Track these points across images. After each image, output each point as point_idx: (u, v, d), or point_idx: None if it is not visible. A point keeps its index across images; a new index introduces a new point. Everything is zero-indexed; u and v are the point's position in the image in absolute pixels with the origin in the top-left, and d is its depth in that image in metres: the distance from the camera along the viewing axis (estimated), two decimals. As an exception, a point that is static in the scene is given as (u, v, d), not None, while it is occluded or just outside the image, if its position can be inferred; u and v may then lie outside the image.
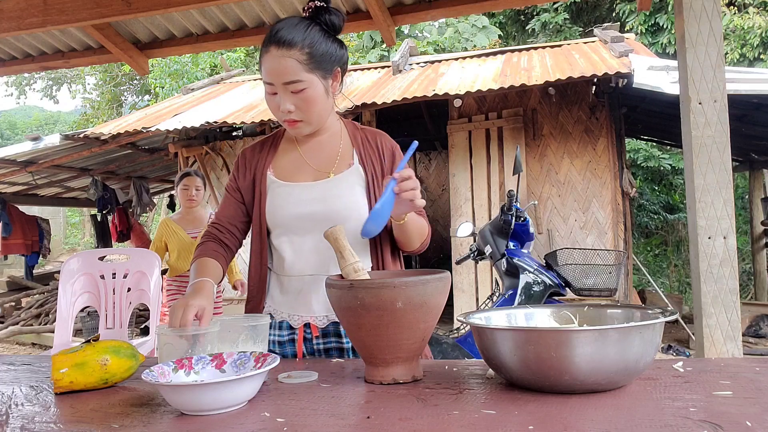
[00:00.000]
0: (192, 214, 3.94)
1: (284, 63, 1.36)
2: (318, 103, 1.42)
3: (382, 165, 1.51)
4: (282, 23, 1.39)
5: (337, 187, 1.46)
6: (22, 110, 34.89)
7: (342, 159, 1.51)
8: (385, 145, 1.53)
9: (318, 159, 1.51)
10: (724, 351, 2.08)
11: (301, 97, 1.39)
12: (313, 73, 1.38)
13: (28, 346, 7.25)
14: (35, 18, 2.74)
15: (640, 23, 11.28)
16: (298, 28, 1.37)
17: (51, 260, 13.23)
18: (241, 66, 13.39)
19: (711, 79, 2.12)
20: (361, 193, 1.47)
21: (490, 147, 6.02)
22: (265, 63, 1.38)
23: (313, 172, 1.50)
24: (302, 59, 1.36)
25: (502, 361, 1.04)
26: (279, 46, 1.36)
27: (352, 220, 1.44)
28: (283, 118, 1.42)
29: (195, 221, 3.94)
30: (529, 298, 3.40)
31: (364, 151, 1.51)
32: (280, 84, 1.38)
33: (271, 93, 1.41)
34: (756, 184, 8.34)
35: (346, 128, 1.57)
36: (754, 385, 1.02)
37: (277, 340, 1.53)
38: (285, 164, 1.53)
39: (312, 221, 1.44)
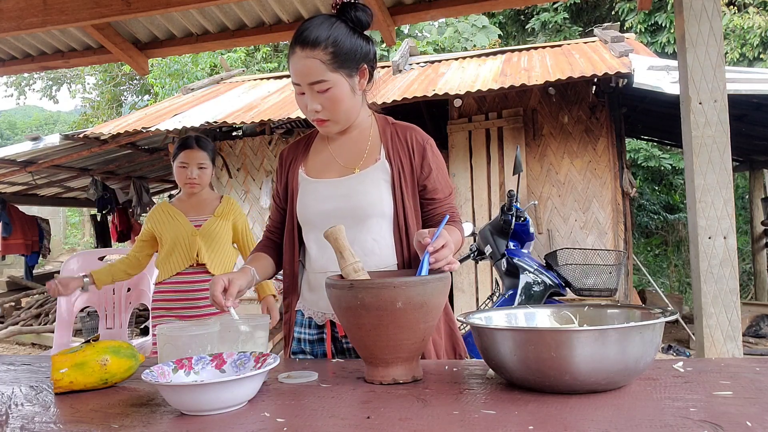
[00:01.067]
0: (196, 198, 2.85)
1: (308, 64, 1.36)
2: (344, 101, 1.42)
3: (411, 160, 1.49)
4: (308, 23, 1.40)
5: (362, 182, 1.46)
6: (22, 110, 34.89)
7: (369, 154, 1.50)
8: (415, 140, 1.51)
9: (346, 155, 1.52)
10: (724, 351, 2.08)
11: (326, 96, 1.39)
12: (338, 72, 1.38)
13: (28, 346, 7.25)
14: (35, 18, 2.74)
15: (640, 22, 11.28)
16: (322, 27, 1.37)
17: (51, 260, 13.23)
18: (241, 66, 13.38)
19: (711, 79, 2.12)
20: (386, 189, 1.47)
21: (490, 147, 6.01)
22: (292, 64, 1.39)
23: (339, 169, 1.50)
24: (326, 59, 1.36)
25: (502, 361, 1.04)
26: (303, 47, 1.36)
27: (376, 216, 1.44)
28: (312, 118, 1.44)
29: (200, 206, 2.83)
30: (529, 298, 3.40)
31: (392, 146, 1.50)
32: (306, 84, 1.38)
33: (299, 93, 1.42)
34: (756, 184, 8.34)
35: (377, 123, 1.55)
36: (754, 385, 1.02)
37: (307, 338, 1.53)
38: (316, 162, 1.55)
39: (336, 217, 1.44)
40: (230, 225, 2.79)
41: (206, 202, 2.85)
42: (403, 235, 1.47)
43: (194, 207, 2.84)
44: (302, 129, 6.89)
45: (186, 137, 2.77)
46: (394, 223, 1.47)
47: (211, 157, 2.80)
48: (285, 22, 3.11)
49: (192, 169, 2.72)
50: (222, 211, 2.80)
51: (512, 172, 5.50)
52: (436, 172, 1.50)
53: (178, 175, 2.76)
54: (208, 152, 2.78)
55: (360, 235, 1.44)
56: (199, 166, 2.74)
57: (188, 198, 2.85)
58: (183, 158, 2.72)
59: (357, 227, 1.44)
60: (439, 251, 1.22)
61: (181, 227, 2.75)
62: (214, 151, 2.82)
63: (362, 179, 1.47)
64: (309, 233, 1.52)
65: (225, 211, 2.80)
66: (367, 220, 1.45)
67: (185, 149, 2.72)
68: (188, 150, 2.72)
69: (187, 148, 2.73)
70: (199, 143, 2.75)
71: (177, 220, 2.77)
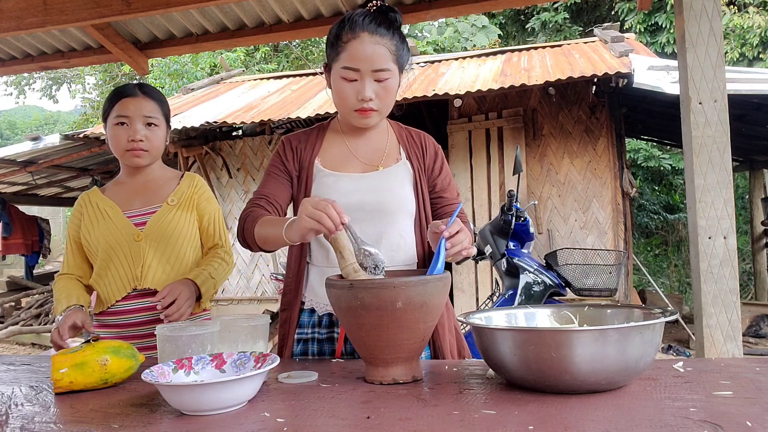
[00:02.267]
0: (141, 176, 1.86)
1: (378, 50, 1.37)
2: (394, 93, 1.44)
3: (425, 162, 1.53)
4: (363, 13, 1.40)
5: (387, 179, 1.48)
6: (22, 110, 34.89)
7: (389, 154, 1.52)
8: (428, 145, 1.56)
9: (366, 152, 1.52)
10: (725, 351, 2.08)
11: (383, 86, 1.40)
12: (397, 65, 1.41)
13: (28, 346, 7.25)
14: (35, 18, 2.74)
15: (639, 22, 11.28)
16: (384, 21, 1.39)
17: (51, 260, 13.23)
18: (241, 66, 13.38)
19: (711, 79, 2.12)
20: (409, 188, 1.49)
21: (490, 147, 6.01)
22: (353, 48, 1.37)
23: (361, 165, 1.50)
24: (392, 49, 1.39)
25: (502, 361, 1.04)
26: (372, 34, 1.37)
27: (401, 213, 1.46)
28: (358, 107, 1.41)
29: (148, 190, 1.85)
30: (529, 298, 3.41)
31: (410, 148, 1.53)
32: (368, 70, 1.37)
33: (349, 80, 1.40)
34: (756, 184, 8.34)
35: (392, 126, 1.58)
36: (754, 385, 1.02)
37: (315, 337, 1.50)
38: (332, 155, 1.53)
39: (360, 211, 1.43)
40: (193, 216, 1.85)
41: (157, 185, 1.86)
42: (424, 233, 1.50)
43: (138, 192, 1.84)
44: (302, 129, 6.88)
45: (122, 86, 1.85)
46: (416, 220, 1.50)
47: (164, 113, 1.85)
48: (285, 22, 3.11)
49: (135, 126, 1.75)
50: (180, 194, 1.84)
51: (512, 172, 5.49)
52: (445, 174, 1.55)
53: (114, 139, 1.78)
54: (160, 104, 1.84)
55: (387, 230, 1.45)
56: (147, 121, 1.78)
57: (130, 177, 1.86)
58: (120, 110, 1.75)
59: (383, 222, 1.45)
60: (455, 236, 1.24)
61: (114, 229, 1.78)
62: (167, 105, 1.89)
63: (387, 176, 1.48)
64: None
65: (185, 195, 1.85)
66: (393, 216, 1.45)
67: (124, 97, 1.78)
68: (128, 98, 1.77)
69: (128, 95, 1.78)
70: (144, 90, 1.82)
71: (109, 219, 1.79)
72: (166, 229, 1.79)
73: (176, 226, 1.81)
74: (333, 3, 2.95)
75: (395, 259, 1.43)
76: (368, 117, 1.43)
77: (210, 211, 1.89)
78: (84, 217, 1.82)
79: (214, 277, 1.78)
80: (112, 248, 1.78)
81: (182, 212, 1.83)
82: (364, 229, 1.42)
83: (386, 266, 1.26)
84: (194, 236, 1.86)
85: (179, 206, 1.83)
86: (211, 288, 1.77)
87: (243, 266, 7.02)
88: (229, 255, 1.89)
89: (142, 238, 1.77)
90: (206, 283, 1.75)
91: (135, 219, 1.80)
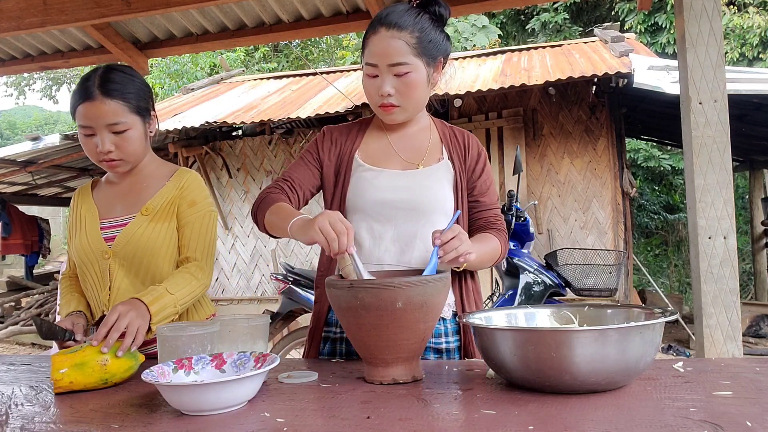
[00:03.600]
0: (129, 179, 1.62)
1: (393, 44, 1.36)
2: (419, 89, 1.40)
3: (466, 162, 1.51)
4: (392, 7, 1.40)
5: (426, 178, 1.46)
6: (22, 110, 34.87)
7: (431, 153, 1.50)
8: (471, 145, 1.53)
9: (407, 150, 1.50)
10: (725, 351, 2.08)
11: (403, 80, 1.38)
12: (420, 58, 1.38)
13: (28, 346, 7.25)
14: (35, 18, 2.74)
15: (639, 23, 11.28)
16: (409, 13, 1.38)
17: (51, 260, 13.23)
18: (241, 66, 13.38)
19: (711, 79, 2.12)
20: (449, 189, 1.47)
21: (490, 147, 6.01)
22: (372, 44, 1.38)
23: (401, 162, 1.48)
24: (411, 42, 1.36)
25: (502, 361, 1.04)
26: (389, 28, 1.36)
27: (438, 213, 1.44)
28: (380, 103, 1.41)
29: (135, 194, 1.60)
30: (529, 298, 3.41)
31: (453, 148, 1.51)
32: (384, 65, 1.37)
33: (371, 75, 1.40)
34: (756, 184, 8.34)
35: (435, 124, 1.56)
36: (754, 385, 1.02)
37: (344, 337, 1.46)
38: (373, 150, 1.51)
39: (396, 209, 1.42)
40: (174, 225, 1.56)
41: (141, 187, 1.60)
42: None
43: (123, 195, 1.61)
44: (302, 129, 6.89)
45: (85, 78, 1.51)
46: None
47: (136, 107, 1.52)
48: (285, 22, 3.11)
49: (102, 137, 1.49)
50: (161, 201, 1.56)
51: (512, 172, 5.50)
52: (485, 177, 1.52)
53: (85, 148, 1.54)
54: (127, 100, 1.50)
55: (423, 230, 1.42)
56: (113, 129, 1.49)
57: (117, 176, 1.63)
58: (81, 119, 1.49)
59: (420, 221, 1.42)
60: (447, 243, 1.22)
61: (86, 244, 1.55)
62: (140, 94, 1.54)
63: (427, 175, 1.46)
64: (360, 222, 1.44)
65: (166, 200, 1.56)
66: (430, 216, 1.43)
67: (83, 102, 1.48)
68: (86, 103, 1.47)
69: (87, 99, 1.47)
70: (105, 89, 1.48)
71: (84, 230, 1.57)
72: (137, 245, 1.52)
73: (149, 241, 1.52)
74: (333, 3, 2.95)
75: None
76: (391, 113, 1.42)
77: (190, 217, 1.56)
78: (69, 222, 1.65)
79: (172, 293, 1.42)
80: (84, 265, 1.56)
81: (161, 223, 1.54)
82: (399, 228, 1.41)
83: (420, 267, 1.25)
84: (174, 253, 1.56)
85: (157, 216, 1.54)
86: (168, 306, 1.41)
87: (243, 266, 7.02)
88: (203, 272, 1.52)
89: (110, 257, 1.52)
90: (160, 300, 1.39)
91: (109, 231, 1.55)
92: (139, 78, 1.56)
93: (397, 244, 1.42)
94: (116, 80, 1.50)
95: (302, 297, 3.78)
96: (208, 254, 1.57)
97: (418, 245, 1.42)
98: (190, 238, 1.55)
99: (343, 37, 14.39)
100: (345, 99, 5.88)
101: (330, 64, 14.31)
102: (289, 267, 4.04)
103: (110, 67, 1.53)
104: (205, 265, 1.55)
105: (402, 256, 1.42)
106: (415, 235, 1.42)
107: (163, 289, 1.42)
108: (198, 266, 1.53)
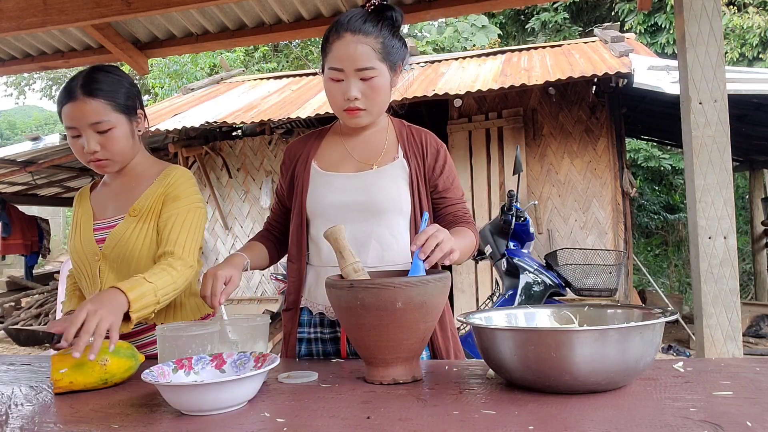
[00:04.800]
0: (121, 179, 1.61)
1: (360, 49, 1.37)
2: (383, 92, 1.43)
3: (425, 161, 1.51)
4: (351, 13, 1.41)
5: (380, 178, 1.47)
6: (22, 110, 34.86)
7: (386, 153, 1.51)
8: (429, 143, 1.54)
9: (362, 151, 1.52)
10: (725, 351, 2.08)
11: (369, 84, 1.40)
12: (384, 63, 1.40)
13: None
14: (35, 18, 2.74)
15: (639, 23, 11.28)
16: (371, 20, 1.40)
17: (51, 260, 13.22)
18: (241, 66, 13.38)
19: (711, 79, 2.12)
20: (404, 187, 1.48)
21: (490, 147, 6.01)
22: (337, 49, 1.39)
23: (356, 164, 1.50)
24: (377, 47, 1.39)
25: (502, 361, 1.04)
26: (354, 33, 1.37)
27: (393, 213, 1.45)
28: (345, 107, 1.42)
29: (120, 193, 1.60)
30: (529, 298, 3.41)
31: (408, 147, 1.52)
32: (351, 70, 1.38)
33: (336, 80, 1.41)
34: (756, 184, 8.34)
35: (393, 124, 1.57)
36: (754, 385, 1.02)
37: (319, 337, 1.51)
38: (329, 156, 1.54)
39: (353, 211, 1.44)
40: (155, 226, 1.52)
41: (130, 186, 1.59)
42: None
43: (115, 195, 1.60)
44: (302, 129, 6.89)
45: (70, 80, 1.51)
46: (411, 220, 1.48)
47: (120, 104, 1.51)
48: (285, 22, 3.11)
49: (86, 137, 1.48)
50: (147, 199, 1.54)
51: (512, 172, 5.50)
52: (447, 173, 1.52)
53: (73, 149, 1.53)
54: (110, 98, 1.49)
55: (378, 229, 1.44)
56: (97, 129, 1.48)
57: (113, 179, 1.63)
58: (66, 120, 1.49)
59: (374, 221, 1.44)
60: (425, 245, 1.19)
61: (80, 246, 1.56)
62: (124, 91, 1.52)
63: (381, 175, 1.47)
64: (320, 227, 1.46)
65: (153, 199, 1.54)
66: (385, 215, 1.45)
67: (66, 102, 1.48)
68: (70, 104, 1.47)
69: (70, 100, 1.47)
70: (87, 88, 1.47)
71: (79, 232, 1.58)
72: (125, 247, 1.49)
73: (136, 244, 1.49)
74: (333, 3, 2.95)
75: (386, 259, 1.43)
76: (356, 116, 1.43)
77: (172, 211, 1.50)
78: (71, 224, 1.64)
79: (150, 281, 1.35)
80: (78, 267, 1.57)
81: (147, 223, 1.50)
82: (356, 229, 1.43)
83: (376, 266, 1.26)
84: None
85: (143, 216, 1.51)
86: (148, 294, 1.33)
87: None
88: (183, 264, 1.45)
89: (100, 259, 1.52)
90: (138, 288, 1.32)
91: (101, 233, 1.54)
92: (123, 76, 1.55)
93: (354, 245, 1.38)
94: (99, 79, 1.49)
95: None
96: (190, 249, 1.49)
97: (373, 245, 1.43)
98: (170, 232, 1.48)
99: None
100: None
101: (330, 64, 14.26)
102: (289, 267, 4.03)
103: (94, 68, 1.53)
104: (186, 258, 1.47)
105: (359, 257, 1.37)
106: (370, 235, 1.44)
107: (140, 278, 1.35)
108: (179, 259, 1.45)
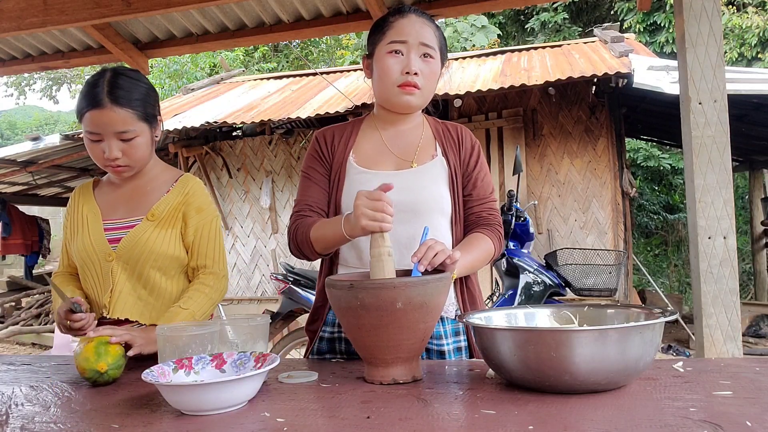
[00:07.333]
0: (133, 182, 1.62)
1: (426, 28, 1.42)
2: (436, 78, 1.45)
3: (460, 156, 1.50)
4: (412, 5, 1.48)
5: (421, 177, 1.44)
6: (22, 110, 34.86)
7: (423, 149, 1.49)
8: (465, 138, 1.53)
9: (400, 147, 1.49)
10: (724, 351, 2.08)
11: (428, 65, 1.42)
12: (440, 52, 1.44)
13: (28, 346, 7.25)
14: (35, 18, 2.74)
15: (638, 22, 11.28)
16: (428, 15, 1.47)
17: (51, 260, 13.22)
18: (241, 66, 13.39)
19: (711, 79, 2.12)
20: (444, 186, 1.46)
21: (490, 147, 6.02)
22: (401, 25, 1.41)
23: (395, 161, 1.47)
24: (437, 35, 1.43)
25: (502, 361, 1.04)
26: (419, 16, 1.42)
27: (436, 212, 1.43)
28: (402, 81, 1.40)
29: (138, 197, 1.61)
30: (529, 298, 3.41)
31: (446, 143, 1.51)
32: (416, 43, 1.40)
33: (396, 52, 1.40)
34: (756, 184, 8.34)
35: (428, 121, 1.56)
36: (754, 385, 1.02)
37: (343, 337, 1.47)
38: (366, 151, 1.50)
39: (395, 211, 1.38)
40: (178, 233, 1.58)
41: (145, 191, 1.61)
42: (459, 233, 1.47)
43: (125, 198, 1.61)
44: (302, 129, 6.89)
45: (92, 83, 1.50)
46: (452, 220, 1.47)
47: (145, 114, 1.52)
48: (285, 22, 3.11)
49: (109, 144, 1.49)
50: (166, 206, 1.58)
51: (512, 172, 5.50)
52: (480, 168, 1.51)
53: (91, 152, 1.54)
54: (135, 109, 1.50)
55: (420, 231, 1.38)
56: (121, 137, 1.49)
57: (123, 181, 1.63)
58: (89, 125, 1.49)
59: (417, 223, 1.39)
60: (424, 255, 1.20)
61: (89, 245, 1.55)
62: (147, 102, 1.54)
63: (421, 174, 1.45)
64: None
65: (171, 207, 1.58)
66: (428, 216, 1.41)
67: (91, 109, 1.47)
68: (95, 111, 1.47)
69: (95, 107, 1.47)
70: (114, 96, 1.47)
71: (87, 230, 1.57)
72: (142, 250, 1.53)
73: (154, 247, 1.53)
74: (333, 3, 2.95)
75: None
76: (411, 93, 1.41)
77: (198, 223, 1.59)
78: (69, 220, 1.63)
79: (186, 308, 1.50)
80: (86, 265, 1.56)
81: (165, 230, 1.56)
82: (397, 230, 1.35)
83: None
84: (178, 258, 1.57)
85: (162, 222, 1.56)
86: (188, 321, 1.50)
87: (243, 266, 7.02)
88: (218, 278, 1.58)
89: (113, 259, 1.53)
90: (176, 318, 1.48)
91: (112, 233, 1.56)
92: (146, 82, 1.57)
93: (395, 248, 1.32)
94: (125, 87, 1.50)
95: (302, 297, 3.78)
96: (219, 258, 1.62)
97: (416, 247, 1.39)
98: (200, 245, 1.59)
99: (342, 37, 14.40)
100: (345, 99, 5.88)
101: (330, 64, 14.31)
102: (289, 267, 4.04)
103: (118, 72, 1.53)
104: (218, 270, 1.60)
105: (400, 259, 1.36)
106: (414, 237, 1.37)
107: (177, 307, 1.49)
108: (213, 274, 1.59)
